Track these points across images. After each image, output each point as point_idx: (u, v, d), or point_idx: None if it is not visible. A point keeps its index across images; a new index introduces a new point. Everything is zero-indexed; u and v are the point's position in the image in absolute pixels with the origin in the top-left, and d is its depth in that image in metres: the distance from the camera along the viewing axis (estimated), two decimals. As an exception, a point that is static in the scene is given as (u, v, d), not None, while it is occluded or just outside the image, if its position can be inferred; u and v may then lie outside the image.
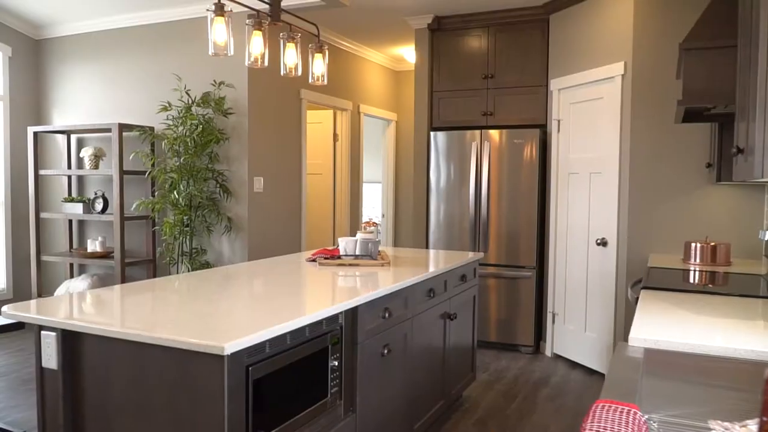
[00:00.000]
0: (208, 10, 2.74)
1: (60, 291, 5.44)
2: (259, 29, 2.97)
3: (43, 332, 2.05)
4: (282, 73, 3.24)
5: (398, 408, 2.88)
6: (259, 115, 5.07)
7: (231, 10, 2.75)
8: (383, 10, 5.22)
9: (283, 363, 2.00)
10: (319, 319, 2.14)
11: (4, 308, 2.15)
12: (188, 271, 4.87)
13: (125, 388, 1.92)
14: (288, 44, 3.21)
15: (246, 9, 4.78)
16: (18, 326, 5.67)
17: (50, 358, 2.04)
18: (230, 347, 1.70)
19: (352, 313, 2.43)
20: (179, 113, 4.87)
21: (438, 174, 5.36)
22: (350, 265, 3.25)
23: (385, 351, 2.67)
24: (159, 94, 5.28)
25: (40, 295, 5.61)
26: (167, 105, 4.87)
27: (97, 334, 1.91)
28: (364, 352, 2.51)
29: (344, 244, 3.38)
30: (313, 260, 3.40)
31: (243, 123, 4.95)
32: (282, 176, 5.38)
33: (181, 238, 4.91)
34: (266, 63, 3.00)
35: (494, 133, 5.15)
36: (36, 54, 5.99)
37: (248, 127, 4.94)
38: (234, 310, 2.11)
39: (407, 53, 6.79)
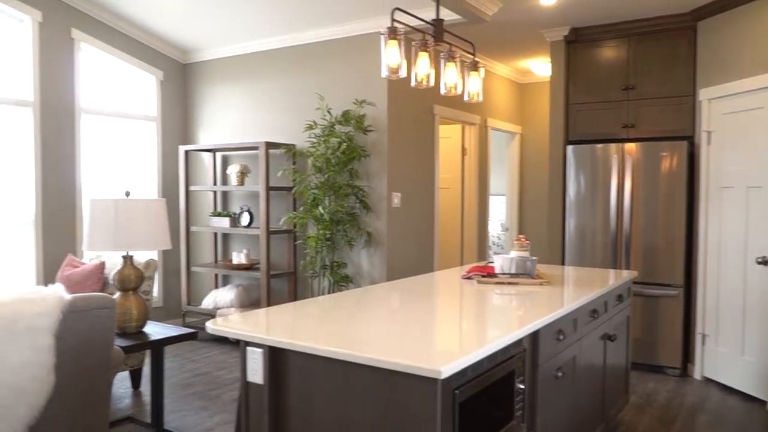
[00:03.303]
0: (381, 34, 2.82)
1: (207, 300, 5.76)
2: (425, 50, 3.03)
3: (249, 348, 2.17)
4: (442, 92, 3.28)
5: None
6: (397, 131, 5.16)
7: (404, 33, 2.82)
8: (519, 23, 5.19)
9: (481, 386, 2.01)
10: (513, 341, 2.14)
11: (208, 323, 2.29)
12: (330, 283, 5.02)
13: (330, 405, 1.99)
14: (448, 63, 3.25)
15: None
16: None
17: (256, 373, 2.16)
18: (446, 371, 1.73)
19: (533, 335, 2.41)
20: (322, 131, 5.05)
21: (574, 188, 5.25)
22: (509, 283, 3.23)
23: (559, 374, 2.63)
24: (301, 113, 5.50)
25: (189, 304, 5.97)
26: (312, 124, 5.06)
27: (305, 352, 2.00)
28: (543, 374, 2.49)
29: (500, 261, 3.37)
30: (469, 278, 3.41)
31: (382, 140, 5.06)
32: (417, 191, 5.45)
33: (323, 252, 5.07)
34: (431, 83, 3.06)
35: (636, 146, 4.98)
36: (184, 77, 6.41)
37: (387, 144, 5.05)
38: (426, 330, 2.14)
39: (534, 65, 6.71)
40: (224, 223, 5.70)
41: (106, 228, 3.23)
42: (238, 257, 5.64)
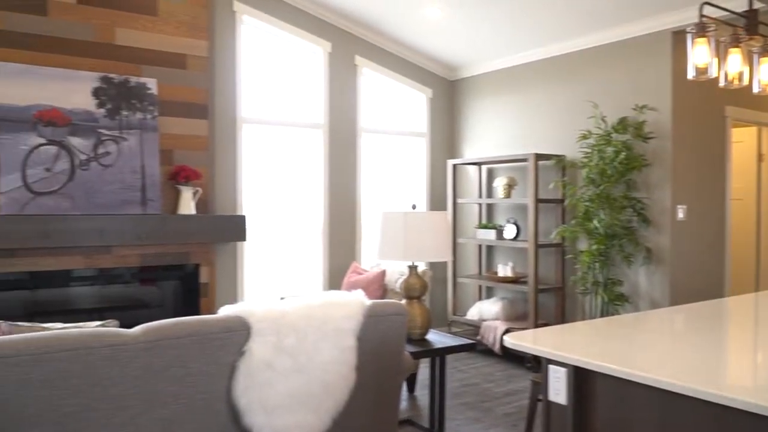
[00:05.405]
0: (688, 32, 2.57)
1: (473, 311, 5.84)
2: (737, 46, 2.69)
3: (551, 366, 2.09)
4: (755, 91, 2.89)
5: None
6: (682, 137, 4.71)
7: (715, 29, 2.53)
8: (840, 5, 4.40)
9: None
10: None
11: (506, 337, 2.26)
12: (604, 301, 4.73)
13: (647, 436, 1.82)
14: (762, 58, 2.85)
15: (669, 26, 4.53)
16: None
17: (559, 393, 2.07)
18: (808, 416, 1.47)
19: None
20: (596, 141, 4.80)
21: None
22: None
23: None
24: (571, 122, 5.31)
25: (454, 314, 6.11)
26: (587, 133, 4.84)
27: (617, 375, 1.85)
28: None
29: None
30: (789, 304, 2.93)
31: (665, 147, 4.65)
32: (704, 203, 4.91)
33: (595, 268, 4.80)
34: (744, 81, 2.70)
35: None
36: (450, 94, 6.62)
37: (671, 151, 4.62)
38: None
39: None
40: (490, 235, 5.73)
41: (395, 238, 3.41)
42: (504, 270, 5.61)
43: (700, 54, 2.57)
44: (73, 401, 2.02)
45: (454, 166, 6.13)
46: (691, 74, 2.60)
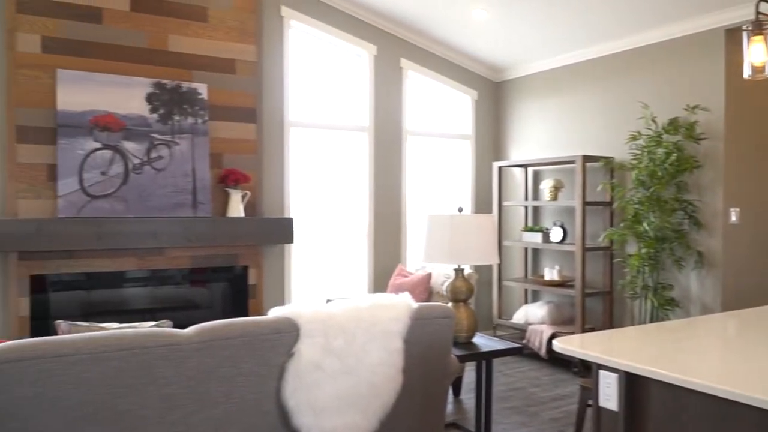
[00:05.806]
0: (744, 30, 2.50)
1: (518, 315, 5.79)
2: (796, 43, 2.60)
3: (602, 372, 2.06)
4: (816, 91, 2.79)
5: None
6: (736, 138, 4.57)
7: (773, 27, 2.46)
8: None
9: None
10: None
11: (556, 342, 2.24)
12: (653, 306, 4.63)
13: (701, 445, 1.78)
14: (824, 56, 2.75)
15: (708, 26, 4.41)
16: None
17: (609, 399, 2.04)
18: None
19: None
20: (646, 142, 4.70)
21: None
22: None
23: None
24: (620, 123, 5.22)
25: (499, 317, 6.06)
26: (636, 134, 4.75)
27: (671, 383, 1.82)
28: None
29: None
30: None
31: (717, 148, 4.52)
32: (759, 206, 4.75)
33: (645, 272, 4.70)
34: (804, 81, 2.61)
35: None
36: (495, 95, 6.57)
37: (724, 153, 4.49)
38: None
39: None
40: (536, 238, 5.66)
41: (441, 241, 3.41)
42: (550, 273, 5.54)
43: (756, 52, 2.50)
44: (128, 399, 2.08)
45: (500, 168, 6.09)
46: (747, 73, 2.53)
